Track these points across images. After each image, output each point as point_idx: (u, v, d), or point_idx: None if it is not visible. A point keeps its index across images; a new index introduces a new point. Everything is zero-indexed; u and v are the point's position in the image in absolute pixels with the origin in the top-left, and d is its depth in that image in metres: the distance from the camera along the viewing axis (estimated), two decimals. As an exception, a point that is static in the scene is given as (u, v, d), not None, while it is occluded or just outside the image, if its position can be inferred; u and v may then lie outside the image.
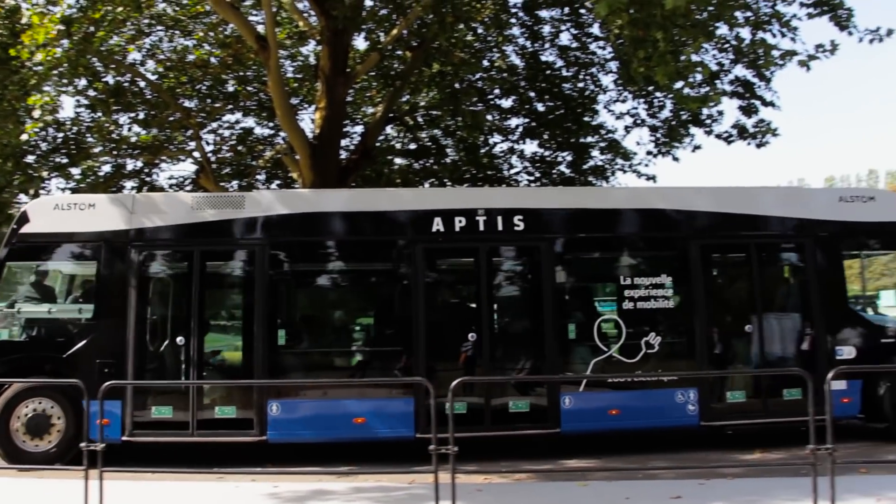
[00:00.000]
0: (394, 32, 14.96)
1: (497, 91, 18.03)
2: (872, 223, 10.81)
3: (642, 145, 17.29)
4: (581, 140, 17.89)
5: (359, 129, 18.54)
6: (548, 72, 17.44)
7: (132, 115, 16.36)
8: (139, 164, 17.19)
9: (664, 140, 16.79)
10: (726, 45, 14.27)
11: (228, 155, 18.43)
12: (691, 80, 11.03)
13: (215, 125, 18.08)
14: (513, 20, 16.96)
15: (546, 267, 10.26)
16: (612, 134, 17.95)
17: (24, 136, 12.06)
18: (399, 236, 10.23)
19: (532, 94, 17.75)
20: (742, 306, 10.72)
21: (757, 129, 14.97)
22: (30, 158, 14.32)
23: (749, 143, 15.14)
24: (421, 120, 19.08)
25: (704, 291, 10.42)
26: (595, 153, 18.35)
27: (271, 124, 18.25)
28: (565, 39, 17.10)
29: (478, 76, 17.57)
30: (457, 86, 17.35)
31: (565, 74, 17.55)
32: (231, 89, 17.36)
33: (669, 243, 10.62)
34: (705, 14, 9.73)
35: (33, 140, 13.72)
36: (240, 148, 18.31)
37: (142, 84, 16.17)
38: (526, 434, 9.96)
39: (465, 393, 9.92)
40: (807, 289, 10.63)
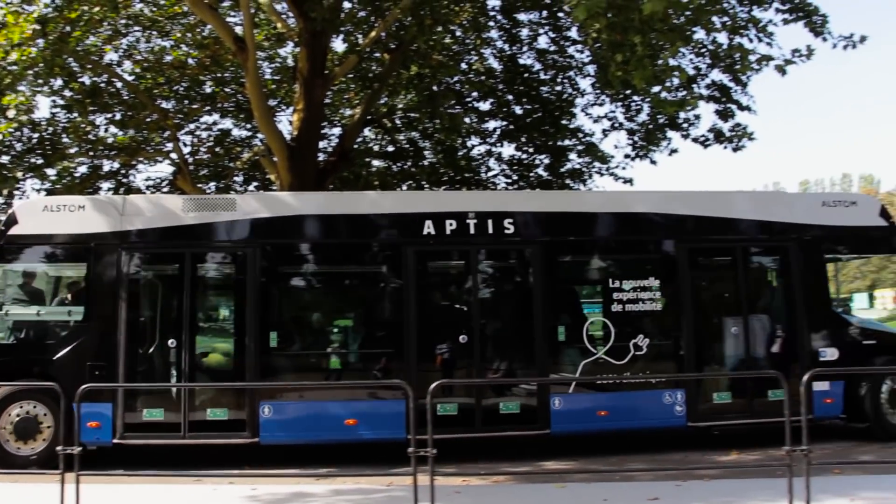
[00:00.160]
0: (372, 35, 14.95)
1: (475, 94, 18.05)
2: (854, 227, 11.03)
3: (620, 148, 17.40)
4: (558, 143, 17.96)
5: (337, 131, 18.50)
6: (526, 75, 17.51)
7: (109, 116, 16.20)
8: (116, 166, 17.03)
9: (641, 143, 16.92)
10: (703, 50, 14.42)
11: (206, 156, 18.30)
12: (668, 84, 11.10)
13: (193, 126, 17.95)
14: (491, 23, 17.00)
15: (535, 270, 10.37)
16: (590, 137, 18.06)
17: (-1, 136, 11.92)
18: (390, 238, 10.30)
19: (510, 97, 17.79)
20: (728, 309, 10.88)
21: (733, 133, 15.18)
22: (4, 159, 14.12)
23: (725, 147, 15.34)
24: (399, 122, 19.07)
25: (691, 294, 10.57)
26: (572, 156, 18.44)
27: (249, 126, 18.17)
28: (543, 43, 17.21)
29: (456, 79, 17.59)
30: (435, 88, 17.36)
31: (543, 78, 17.62)
32: (209, 90, 17.25)
33: (658, 246, 10.75)
34: (682, 19, 9.80)
35: (8, 140, 13.54)
36: (217, 149, 18.18)
37: (118, 85, 16.03)
38: (515, 435, 10.01)
39: (457, 394, 10.03)
40: (791, 292, 10.80)
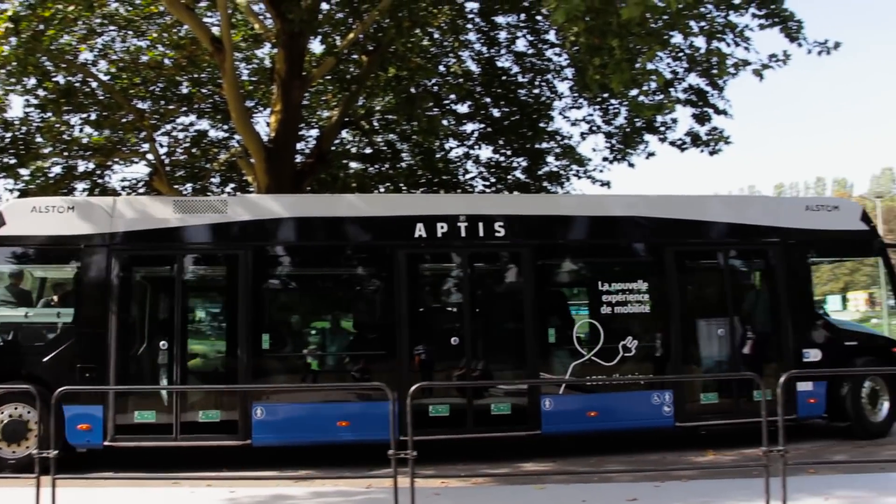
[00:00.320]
0: (350, 36, 14.89)
1: (453, 96, 18.04)
2: (836, 231, 11.28)
3: (598, 151, 17.50)
4: (536, 146, 18.02)
5: (314, 133, 18.39)
6: (504, 78, 17.54)
7: (84, 116, 15.97)
8: (91, 166, 16.83)
9: (619, 147, 17.01)
10: (680, 54, 14.54)
11: (182, 157, 18.14)
12: (646, 88, 11.20)
13: (169, 127, 17.75)
14: (469, 26, 17.03)
15: (527, 273, 10.45)
16: (568, 140, 18.14)
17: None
18: (382, 241, 10.32)
19: (488, 100, 17.81)
20: (715, 311, 11.01)
21: (710, 137, 15.32)
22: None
23: (702, 151, 15.45)
24: (377, 124, 19.00)
25: (679, 297, 10.70)
26: (550, 159, 18.49)
27: (226, 127, 18.01)
28: (521, 46, 17.26)
29: (434, 81, 17.57)
30: (413, 90, 17.34)
31: (521, 80, 17.66)
32: (185, 91, 17.08)
33: (646, 250, 10.89)
34: (660, 23, 9.88)
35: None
36: (194, 150, 18.01)
37: (94, 84, 15.80)
38: (500, 437, 10.08)
39: (448, 396, 10.13)
40: (776, 294, 10.98)
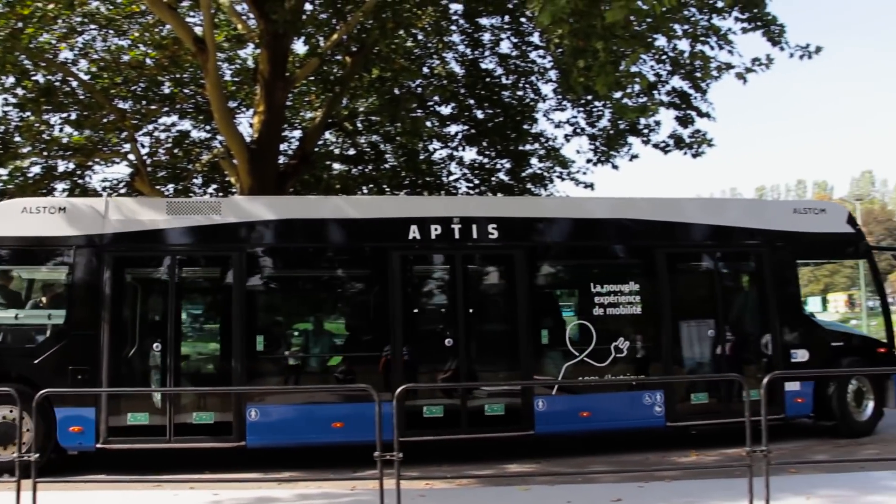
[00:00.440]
0: (334, 37, 14.86)
1: (436, 98, 18.03)
2: (823, 233, 11.44)
3: (582, 153, 17.54)
4: (520, 148, 18.05)
5: (297, 134, 18.34)
6: (487, 79, 17.54)
7: (64, 116, 15.84)
8: (71, 166, 16.68)
9: (603, 149, 17.06)
10: (664, 57, 14.61)
11: (164, 158, 18.01)
12: (630, 91, 11.23)
13: (151, 127, 17.59)
14: (453, 27, 17.03)
15: (520, 274, 10.47)
16: (552, 142, 18.19)
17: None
18: (376, 243, 10.31)
19: (471, 102, 17.80)
20: (705, 312, 11.09)
21: (693, 140, 15.38)
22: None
23: (685, 153, 15.51)
24: (360, 125, 18.99)
25: (670, 298, 10.77)
26: (534, 161, 18.53)
27: (208, 127, 17.89)
28: (505, 48, 17.28)
29: (417, 83, 17.55)
30: (396, 92, 17.32)
31: (505, 82, 17.67)
32: (167, 91, 16.95)
33: (638, 252, 10.95)
34: (644, 26, 9.93)
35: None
36: (176, 151, 17.88)
37: (74, 84, 15.67)
38: (500, 437, 10.13)
39: (442, 397, 10.18)
40: (764, 295, 11.09)
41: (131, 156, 16.40)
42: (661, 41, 12.87)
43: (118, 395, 9.50)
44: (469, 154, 19.05)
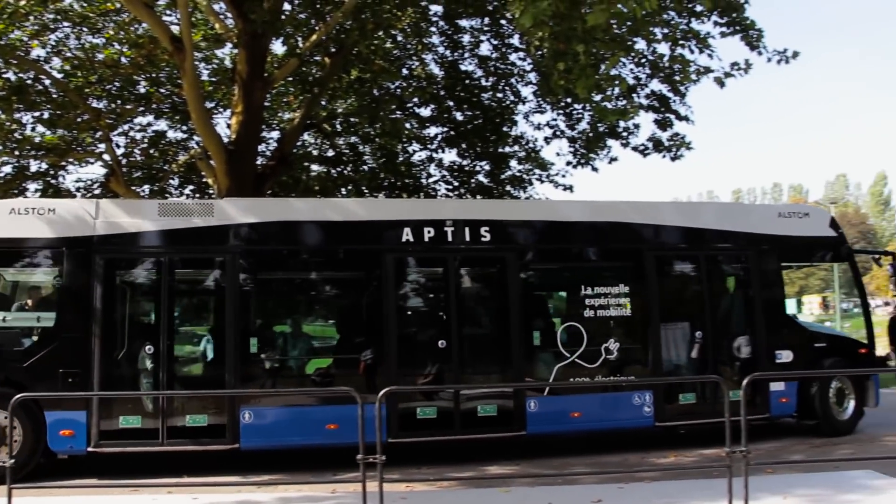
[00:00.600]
0: (313, 38, 14.79)
1: (416, 99, 18.01)
2: (807, 237, 11.62)
3: (562, 156, 17.59)
4: (499, 150, 18.07)
5: (276, 135, 18.22)
6: (467, 81, 17.56)
7: (36, 115, 15.63)
8: (44, 166, 16.46)
9: (582, 151, 17.10)
10: (643, 60, 14.68)
11: (140, 158, 17.83)
12: (609, 94, 11.27)
13: (126, 127, 17.42)
14: (433, 29, 17.03)
15: (512, 277, 10.50)
16: (532, 144, 18.21)
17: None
18: (370, 245, 10.27)
19: (451, 104, 17.81)
20: (693, 314, 11.22)
21: (672, 143, 15.48)
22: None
23: (664, 156, 15.62)
24: (339, 127, 18.94)
25: (658, 300, 10.87)
26: (513, 163, 18.57)
27: (185, 128, 17.73)
28: (485, 50, 17.32)
29: (397, 84, 17.53)
30: (376, 93, 17.29)
31: (484, 84, 17.72)
32: (143, 90, 16.77)
33: (628, 255, 11.02)
34: (624, 29, 9.96)
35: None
36: (152, 151, 17.72)
37: (47, 82, 15.45)
38: (493, 438, 10.15)
39: (435, 399, 10.20)
40: (751, 298, 11.24)
41: (106, 156, 16.21)
42: (641, 45, 12.97)
43: (110, 398, 9.36)
44: (448, 156, 19.07)
